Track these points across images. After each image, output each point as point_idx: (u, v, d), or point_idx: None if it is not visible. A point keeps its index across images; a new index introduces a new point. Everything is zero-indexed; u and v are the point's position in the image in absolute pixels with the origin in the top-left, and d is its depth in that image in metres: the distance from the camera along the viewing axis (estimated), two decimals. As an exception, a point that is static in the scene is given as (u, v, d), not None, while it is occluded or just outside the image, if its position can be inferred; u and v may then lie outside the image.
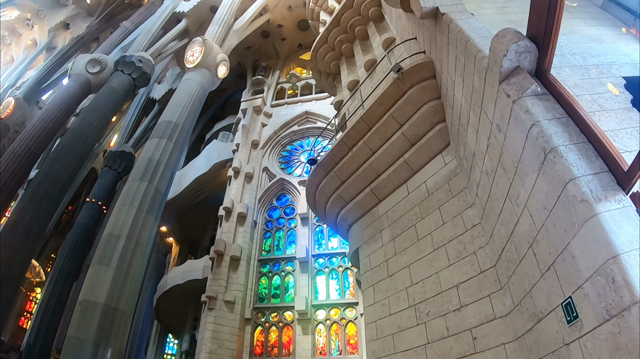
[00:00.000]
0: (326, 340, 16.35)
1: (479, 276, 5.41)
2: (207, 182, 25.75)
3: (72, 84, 22.99)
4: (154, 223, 14.97)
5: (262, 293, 18.87)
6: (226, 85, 29.34)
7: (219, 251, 19.08)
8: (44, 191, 18.05)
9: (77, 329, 11.68)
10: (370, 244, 8.11)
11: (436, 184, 6.88)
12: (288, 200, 21.75)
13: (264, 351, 17.17)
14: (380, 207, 8.24)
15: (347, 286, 17.39)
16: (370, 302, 7.53)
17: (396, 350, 6.38)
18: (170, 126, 17.44)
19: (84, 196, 36.20)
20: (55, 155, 19.61)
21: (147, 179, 15.36)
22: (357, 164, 8.37)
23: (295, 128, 24.47)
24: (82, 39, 38.78)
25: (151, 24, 26.50)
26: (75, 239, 27.00)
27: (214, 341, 16.61)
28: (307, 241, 19.19)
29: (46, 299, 24.85)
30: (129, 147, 32.24)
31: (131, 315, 13.19)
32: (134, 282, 13.31)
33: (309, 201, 10.09)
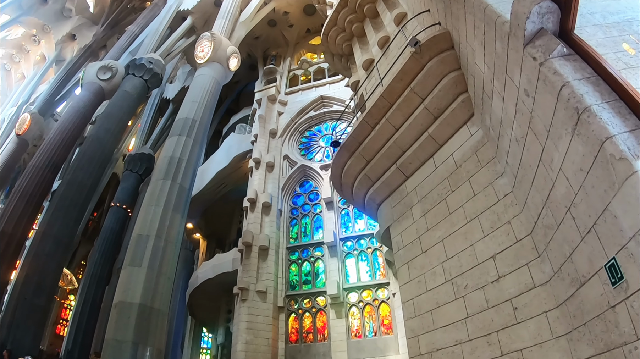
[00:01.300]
0: (360, 322, 16.41)
1: (515, 245, 5.34)
2: (228, 175, 25.88)
3: (85, 93, 23.29)
4: (181, 220, 15.15)
5: (293, 281, 19.00)
6: (238, 77, 29.33)
7: (247, 242, 19.22)
8: (68, 200, 18.36)
9: (115, 331, 11.91)
10: (401, 222, 8.06)
11: (464, 156, 6.79)
12: (311, 186, 21.75)
13: (299, 338, 17.32)
14: (408, 183, 8.18)
15: (377, 267, 17.39)
16: (405, 280, 7.51)
17: (435, 326, 6.36)
18: (187, 122, 17.56)
19: (108, 201, 36.72)
20: (76, 164, 19.89)
21: (170, 177, 15.53)
22: (381, 142, 8.29)
23: (311, 114, 24.39)
24: (90, 48, 39.10)
25: (157, 24, 26.62)
26: (104, 244, 27.49)
27: (249, 331, 16.82)
28: (334, 225, 19.20)
29: (80, 305, 25.45)
30: (148, 149, 32.55)
31: (167, 313, 13.37)
32: (167, 280, 13.52)
33: (334, 184, 10.05)
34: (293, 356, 16.88)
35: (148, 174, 30.39)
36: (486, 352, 5.34)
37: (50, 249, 16.90)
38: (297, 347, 17.06)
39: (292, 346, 17.17)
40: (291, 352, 17.02)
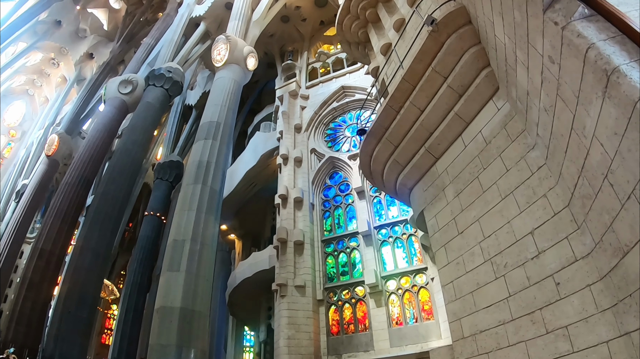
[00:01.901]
0: (400, 310, 16.27)
1: (553, 218, 5.19)
2: (257, 174, 25.98)
3: (109, 109, 23.85)
4: (215, 222, 15.31)
5: (330, 273, 18.99)
6: (257, 77, 29.45)
7: (282, 239, 19.31)
8: (103, 214, 18.73)
9: (159, 336, 12.15)
10: (435, 205, 7.96)
11: (492, 132, 6.63)
12: (341, 177, 21.67)
13: (340, 329, 17.30)
14: (439, 165, 8.05)
15: (413, 253, 17.22)
16: (443, 263, 7.41)
17: (477, 307, 6.26)
18: (212, 125, 17.72)
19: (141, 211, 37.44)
20: (107, 178, 20.28)
21: (201, 181, 15.71)
22: (408, 125, 8.19)
23: (334, 105, 24.25)
24: (109, 65, 39.93)
25: (171, 34, 26.96)
26: (141, 253, 28.14)
27: (290, 326, 16.90)
28: (367, 214, 19.08)
29: (123, 313, 26.19)
30: (176, 156, 33.03)
31: (208, 315, 13.56)
32: (206, 282, 13.70)
33: (364, 172, 9.99)
34: (335, 348, 16.88)
35: (178, 181, 30.88)
36: (530, 331, 5.22)
37: (89, 262, 17.29)
38: (339, 339, 17.05)
39: (334, 338, 17.17)
40: (333, 344, 17.03)
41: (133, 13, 43.65)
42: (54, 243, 19.17)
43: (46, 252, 18.93)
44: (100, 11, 45.16)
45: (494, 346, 5.81)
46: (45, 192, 32.77)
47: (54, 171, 32.21)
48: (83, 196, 21.39)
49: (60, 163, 32.36)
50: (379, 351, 15.61)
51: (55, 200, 20.65)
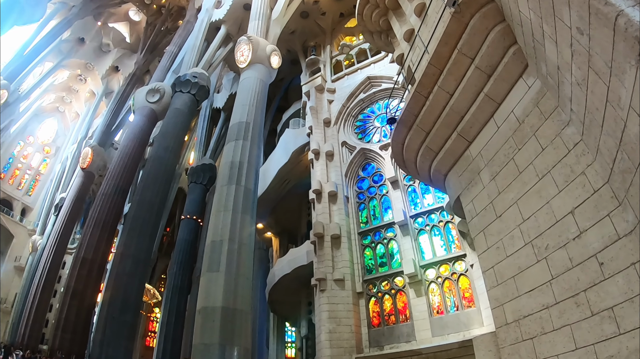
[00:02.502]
0: (441, 298, 16.11)
1: (593, 196, 4.99)
2: (290, 171, 26.10)
3: (138, 118, 24.47)
4: (251, 221, 15.46)
5: (368, 265, 18.91)
6: (282, 74, 29.54)
7: (319, 233, 19.39)
8: (140, 220, 19.19)
9: (202, 336, 12.39)
10: (471, 189, 7.80)
11: (525, 111, 6.43)
12: (374, 168, 21.56)
13: (381, 321, 17.24)
14: (472, 149, 7.87)
15: (451, 240, 16.99)
16: (483, 248, 7.25)
17: (520, 292, 6.10)
18: (242, 126, 17.86)
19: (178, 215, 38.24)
20: (142, 185, 20.75)
21: (234, 181, 15.88)
22: (438, 111, 8.04)
23: (361, 96, 24.14)
24: (135, 76, 40.87)
25: (193, 40, 27.36)
26: (180, 256, 28.72)
27: (331, 320, 16.99)
28: (402, 204, 18.94)
29: (166, 316, 26.91)
30: (208, 159, 33.48)
31: (250, 312, 13.74)
32: (246, 280, 13.87)
33: (397, 161, 9.87)
34: (377, 339, 16.83)
35: (212, 183, 31.30)
36: (575, 314, 5.04)
37: (130, 268, 17.76)
38: (380, 330, 16.99)
39: (375, 330, 17.12)
40: (375, 336, 16.99)
41: (153, 23, 44.72)
42: (94, 252, 19.77)
43: (88, 261, 19.52)
44: (121, 25, 46.48)
45: (539, 331, 5.66)
46: (83, 203, 33.88)
47: (90, 182, 33.24)
48: (120, 205, 21.97)
49: (96, 175, 33.42)
50: (421, 341, 15.51)
51: (93, 210, 21.27)
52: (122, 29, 46.77)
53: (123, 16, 46.34)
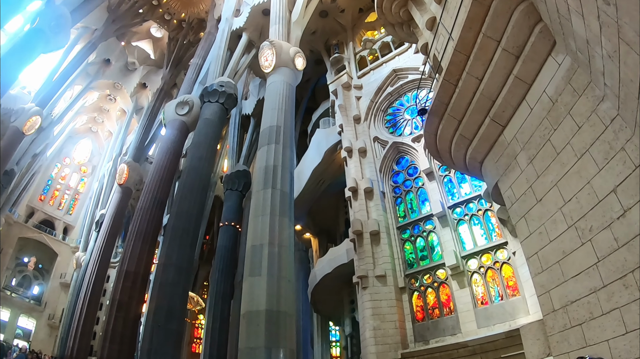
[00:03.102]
0: (484, 289, 15.72)
1: (635, 172, 4.77)
2: (324, 171, 26.10)
3: (170, 131, 24.88)
4: (289, 223, 15.46)
5: (409, 259, 18.70)
6: (308, 76, 29.57)
7: (358, 231, 19.28)
8: (180, 230, 19.46)
9: (247, 340, 12.49)
10: (509, 175, 7.61)
11: (557, 89, 6.22)
12: (408, 161, 21.34)
13: (425, 315, 17.00)
14: (507, 133, 7.68)
15: (491, 229, 16.61)
16: (525, 234, 7.07)
17: (566, 277, 5.90)
18: (272, 130, 17.93)
19: (216, 223, 38.69)
20: (179, 196, 21.05)
21: (270, 185, 15.91)
22: (468, 97, 7.90)
23: (389, 90, 23.91)
24: (162, 90, 41.85)
25: (216, 50, 27.66)
26: (221, 262, 29.11)
27: (375, 317, 16.85)
28: (439, 195, 18.67)
29: (210, 322, 27.26)
30: (242, 165, 33.76)
31: (294, 314, 13.73)
32: (288, 283, 13.87)
33: (431, 152, 9.75)
34: (422, 334, 16.60)
35: (248, 189, 31.57)
36: (624, 296, 4.83)
37: (173, 277, 18.03)
38: (425, 324, 16.75)
39: (420, 325, 16.89)
40: (419, 330, 16.76)
41: (175, 38, 45.65)
42: (137, 264, 20.21)
43: (131, 274, 19.97)
44: (145, 42, 47.60)
45: (587, 316, 5.46)
46: (123, 218, 34.82)
47: (128, 197, 34.12)
48: (159, 217, 22.39)
49: (133, 189, 34.33)
50: (466, 333, 15.21)
51: (133, 224, 21.72)
52: (146, 47, 47.80)
53: (145, 34, 47.32)
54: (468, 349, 14.60)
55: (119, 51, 47.04)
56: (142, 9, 43.42)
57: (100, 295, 31.93)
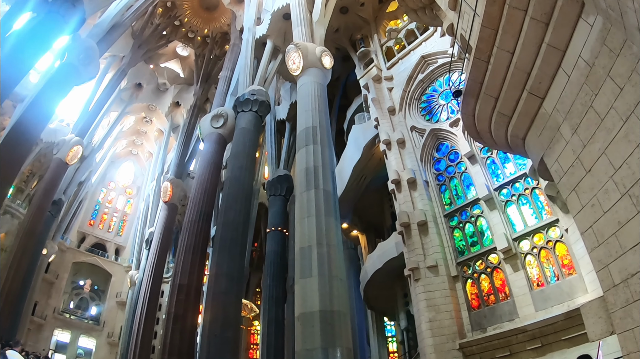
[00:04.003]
0: (539, 270, 15.18)
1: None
2: (365, 166, 26.03)
3: (208, 145, 25.51)
4: (336, 222, 15.40)
5: (460, 246, 18.33)
6: (337, 73, 29.55)
7: (405, 223, 19.09)
8: (228, 240, 19.85)
9: (303, 342, 12.49)
10: (554, 148, 7.27)
11: (592, 52, 5.88)
12: (447, 147, 21.00)
13: (480, 303, 16.59)
14: (546, 105, 7.34)
15: (541, 207, 16.03)
16: (577, 208, 6.73)
17: (624, 249, 5.55)
18: (309, 131, 17.93)
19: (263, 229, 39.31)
20: (224, 206, 21.50)
21: (313, 186, 15.89)
22: (502, 73, 7.61)
23: (420, 77, 23.64)
24: (196, 106, 43.07)
25: (243, 60, 28.12)
26: (271, 268, 29.55)
27: (429, 309, 16.64)
28: (483, 177, 18.25)
29: (265, 327, 27.78)
30: (282, 170, 34.07)
31: (348, 313, 13.66)
32: (340, 281, 13.80)
33: (471, 134, 9.49)
34: (479, 322, 16.18)
35: (291, 193, 31.87)
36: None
37: (225, 286, 18.44)
38: (481, 312, 16.33)
39: (476, 313, 16.49)
40: (476, 319, 16.35)
41: (202, 54, 46.51)
42: (189, 277, 20.72)
43: (184, 286, 20.46)
44: (172, 62, 48.97)
45: (650, 288, 5.13)
46: (171, 234, 35.78)
47: (174, 213, 35.02)
48: (206, 229, 22.84)
49: (178, 205, 35.27)
50: (524, 317, 14.74)
51: (182, 238, 22.25)
52: (174, 66, 49.03)
53: (172, 54, 48.51)
54: (527, 334, 14.16)
55: (148, 74, 48.54)
56: (166, 30, 44.59)
57: (156, 310, 32.93)
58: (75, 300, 52.15)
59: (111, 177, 62.01)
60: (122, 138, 57.30)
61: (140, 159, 62.34)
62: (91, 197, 57.31)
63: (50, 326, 47.14)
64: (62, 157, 33.07)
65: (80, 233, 55.34)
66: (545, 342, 13.69)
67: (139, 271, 41.68)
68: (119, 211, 61.88)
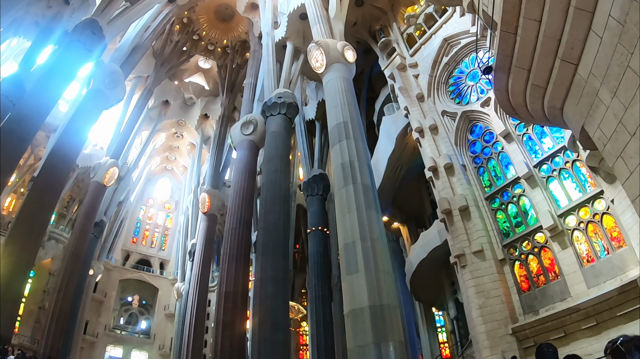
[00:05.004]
0: (588, 245, 14.63)
1: None
2: (399, 157, 25.90)
3: (241, 152, 26.02)
4: (377, 215, 15.28)
5: (504, 228, 17.91)
6: (360, 67, 29.35)
7: (446, 210, 18.87)
8: (270, 244, 20.05)
9: (355, 338, 12.42)
10: (594, 115, 6.92)
11: (622, 9, 5.55)
12: (481, 128, 20.64)
13: (530, 284, 16.14)
14: (581, 71, 6.99)
15: (583, 179, 15.44)
16: (625, 175, 6.39)
17: (676, 215, 5.24)
18: (341, 126, 17.87)
19: (303, 230, 39.34)
20: (263, 211, 21.69)
21: (350, 181, 15.83)
22: (531, 43, 7.30)
23: (444, 60, 23.29)
24: (224, 117, 44.03)
25: (266, 65, 28.36)
26: (315, 268, 29.59)
27: (479, 295, 16.36)
28: (521, 155, 17.79)
29: (314, 328, 27.68)
30: (317, 169, 34.03)
31: (397, 306, 13.51)
32: (387, 274, 13.67)
33: (506, 110, 9.20)
34: (530, 304, 15.74)
35: (328, 191, 31.94)
36: None
37: (271, 291, 18.59)
38: (532, 294, 15.87)
39: (527, 295, 16.04)
40: (527, 301, 15.92)
41: (224, 65, 47.28)
42: (234, 284, 21.19)
43: (230, 294, 20.88)
44: (196, 76, 49.99)
45: None
46: (213, 243, 36.65)
47: (214, 223, 35.76)
48: (247, 236, 23.19)
49: (217, 215, 36.09)
50: (577, 296, 14.20)
51: (224, 247, 22.73)
52: (198, 80, 49.94)
53: (194, 68, 49.48)
54: (581, 313, 13.68)
55: (174, 90, 49.68)
56: (185, 46, 45.59)
57: (205, 319, 33.68)
58: (124, 316, 54.01)
59: (149, 194, 63.67)
60: (156, 155, 58.73)
61: (176, 173, 63.73)
62: (131, 216, 58.83)
63: (102, 343, 48.96)
64: (99, 180, 34.00)
65: (124, 251, 57.13)
66: (600, 319, 13.20)
67: (185, 283, 42.72)
68: (160, 226, 63.46)
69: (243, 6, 37.14)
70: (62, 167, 23.54)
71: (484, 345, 15.63)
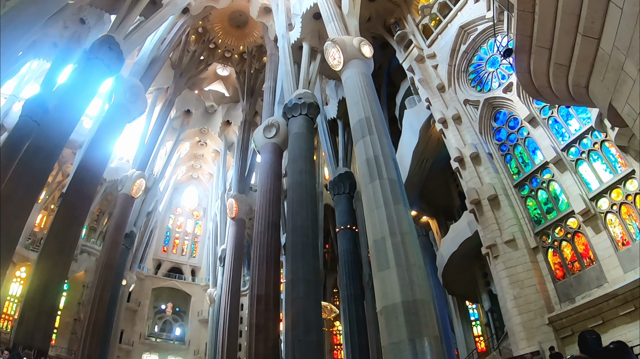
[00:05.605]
0: (622, 228, 14.16)
1: None
2: (424, 150, 25.65)
3: (265, 156, 26.13)
4: (406, 209, 15.03)
5: (535, 216, 17.50)
6: (378, 62, 29.20)
7: (475, 200, 18.65)
8: (300, 245, 20.01)
9: (389, 335, 12.22)
10: (621, 90, 6.64)
11: (641, -23, 5.31)
12: (505, 114, 20.24)
13: (565, 272, 15.72)
14: (604, 45, 6.71)
15: (613, 160, 14.94)
16: (658, 149, 6.12)
17: None
18: (363, 122, 17.66)
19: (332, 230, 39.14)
20: (291, 213, 21.65)
21: (376, 176, 15.62)
22: (550, 20, 7.05)
23: (463, 48, 22.95)
24: (246, 122, 44.44)
25: (283, 67, 28.44)
26: (346, 266, 29.45)
27: (513, 285, 16.06)
28: (548, 139, 17.35)
29: (347, 327, 27.59)
30: (342, 168, 33.87)
31: (430, 301, 13.25)
32: (419, 269, 13.42)
33: (530, 92, 8.95)
34: (566, 292, 15.31)
35: (354, 189, 31.81)
36: None
37: (303, 291, 18.56)
38: (567, 281, 15.45)
39: (562, 283, 15.62)
40: (562, 289, 15.50)
41: (242, 71, 47.50)
42: (266, 287, 21.28)
43: (262, 297, 21.04)
44: (215, 84, 50.52)
45: None
46: (243, 248, 37.10)
47: (243, 228, 36.04)
48: (276, 238, 23.35)
49: (246, 219, 36.41)
50: (613, 281, 13.76)
51: (254, 251, 22.91)
52: (218, 87, 50.46)
53: (213, 76, 49.95)
54: (618, 299, 13.27)
55: (195, 100, 50.18)
56: (203, 55, 45.90)
57: (238, 323, 34.04)
58: (159, 324, 54.99)
59: (177, 203, 64.58)
60: (181, 164, 59.70)
61: (202, 181, 64.55)
62: (161, 225, 59.72)
63: (138, 351, 49.85)
64: (127, 192, 34.47)
65: (155, 260, 58.09)
66: (639, 305, 12.79)
67: (217, 288, 43.34)
68: (189, 233, 64.26)
69: (256, 11, 37.16)
70: (90, 181, 24.02)
71: (520, 337, 15.34)
